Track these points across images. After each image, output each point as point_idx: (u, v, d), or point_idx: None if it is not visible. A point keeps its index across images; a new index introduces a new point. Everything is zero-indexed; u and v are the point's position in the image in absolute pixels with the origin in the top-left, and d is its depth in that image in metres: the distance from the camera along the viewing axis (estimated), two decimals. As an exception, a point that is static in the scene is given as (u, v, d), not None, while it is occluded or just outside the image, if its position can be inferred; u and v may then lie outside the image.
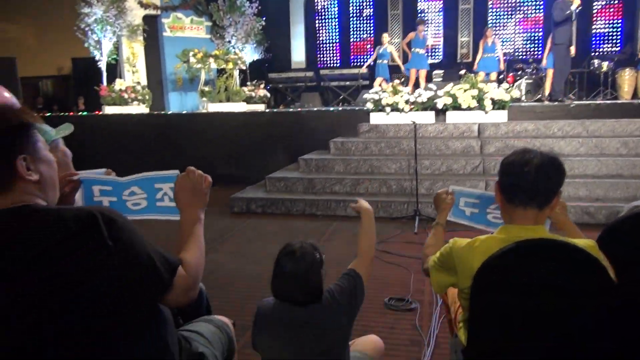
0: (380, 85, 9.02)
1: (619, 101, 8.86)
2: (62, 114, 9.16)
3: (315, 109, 8.52)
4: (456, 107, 6.96)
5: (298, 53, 12.49)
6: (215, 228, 5.15)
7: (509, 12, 12.07)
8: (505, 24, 12.09)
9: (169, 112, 8.87)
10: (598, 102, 8.33)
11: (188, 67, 9.23)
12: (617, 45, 11.47)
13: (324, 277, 1.69)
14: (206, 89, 9.01)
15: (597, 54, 11.20)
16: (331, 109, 8.35)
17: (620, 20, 11.46)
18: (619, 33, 11.51)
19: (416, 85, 8.57)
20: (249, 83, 9.21)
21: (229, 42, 9.85)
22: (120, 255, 1.09)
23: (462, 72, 8.93)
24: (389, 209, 5.64)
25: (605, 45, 11.54)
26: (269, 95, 9.25)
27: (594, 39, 11.58)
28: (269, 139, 7.79)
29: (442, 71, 10.52)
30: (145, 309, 1.21)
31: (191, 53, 9.11)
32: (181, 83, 9.65)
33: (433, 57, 12.03)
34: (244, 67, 9.43)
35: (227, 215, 5.89)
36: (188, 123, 8.27)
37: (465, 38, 12.08)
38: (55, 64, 14.96)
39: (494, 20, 12.09)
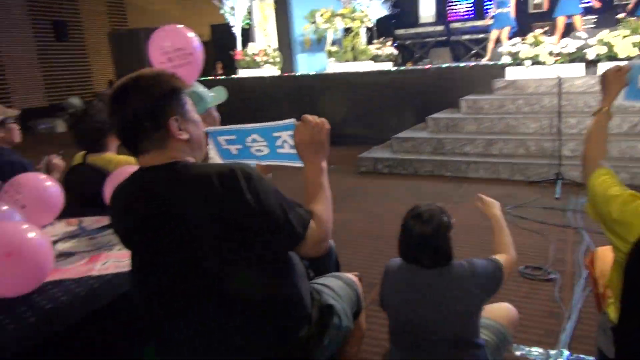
0: (498, 38, 8.22)
1: None
2: (203, 78, 9.96)
3: (444, 65, 8.08)
4: (611, 57, 6.07)
5: (427, 6, 11.80)
6: (342, 187, 5.25)
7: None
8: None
9: (298, 74, 9.09)
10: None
11: (315, 28, 9.31)
12: None
13: (451, 242, 1.62)
14: (333, 49, 9.04)
15: None
16: (462, 64, 7.84)
17: None
18: None
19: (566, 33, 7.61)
20: (375, 41, 9.02)
21: (355, -1, 9.69)
22: (256, 207, 1.16)
23: (621, 15, 7.59)
24: (526, 172, 5.23)
25: None
26: (396, 52, 8.98)
27: None
28: (396, 98, 7.62)
29: (595, 16, 9.14)
30: (279, 259, 1.29)
31: (318, 13, 9.15)
32: (309, 44, 9.78)
33: (584, 1, 10.57)
34: (371, 25, 9.23)
35: (354, 175, 5.96)
36: (316, 83, 8.41)
37: None
38: (196, 32, 16.14)
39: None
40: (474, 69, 7.48)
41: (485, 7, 11.78)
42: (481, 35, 10.39)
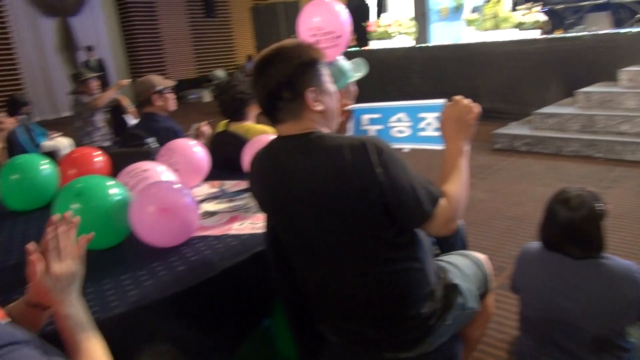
0: None
1: None
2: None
3: (602, 32, 7.12)
4: None
5: None
6: (475, 164, 4.98)
7: None
8: None
9: (431, 45, 8.74)
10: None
11: (454, -6, 8.84)
12: None
13: (603, 232, 1.46)
14: (472, 16, 8.51)
15: None
16: (623, 31, 6.83)
17: None
18: None
19: None
20: (520, 7, 8.24)
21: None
22: (386, 182, 1.16)
23: None
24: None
25: None
26: (545, 18, 8.11)
27: None
28: (542, 70, 6.95)
29: None
30: (406, 234, 1.28)
31: (458, -21, 8.63)
32: (446, 12, 9.32)
33: None
34: None
35: (488, 152, 5.63)
36: (451, 55, 8.02)
37: None
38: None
39: None
40: (637, 37, 6.50)
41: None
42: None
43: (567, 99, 6.17)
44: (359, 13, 9.64)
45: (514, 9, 8.48)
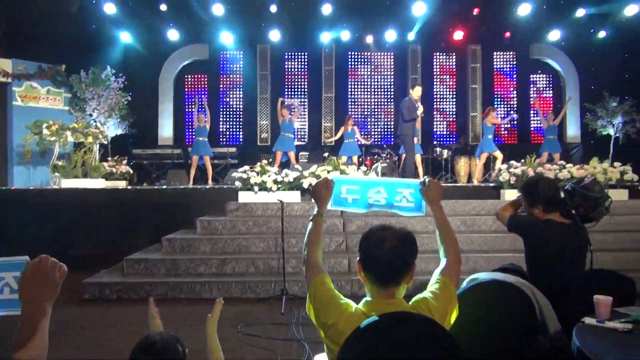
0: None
1: (457, 184, 10.11)
2: None
3: (182, 186, 8.30)
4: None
5: (166, 129, 12.31)
6: (60, 320, 4.56)
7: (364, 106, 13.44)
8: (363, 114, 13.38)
9: (12, 188, 7.95)
10: (442, 184, 9.38)
11: (40, 140, 8.49)
12: (453, 137, 13.34)
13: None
14: (60, 163, 8.33)
15: (438, 142, 12.88)
16: (198, 186, 8.19)
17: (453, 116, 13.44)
18: (454, 128, 13.43)
19: (285, 165, 8.91)
20: (109, 158, 8.71)
21: (90, 115, 9.35)
22: None
23: (326, 154, 9.55)
24: (256, 289, 5.55)
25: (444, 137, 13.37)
26: (131, 171, 8.82)
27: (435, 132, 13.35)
28: (131, 218, 7.36)
29: (308, 153, 11.13)
30: None
31: (45, 125, 8.43)
32: (30, 156, 8.79)
33: (300, 140, 12.71)
34: (105, 142, 8.94)
35: (75, 304, 5.28)
36: (36, 199, 7.47)
37: (328, 123, 13.05)
38: None
39: (354, 109, 13.33)
40: (210, 192, 7.91)
41: (220, 136, 12.93)
42: (216, 161, 11.21)
43: (156, 245, 6.66)
44: None
45: (103, 160, 8.86)
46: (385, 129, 13.39)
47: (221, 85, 13.11)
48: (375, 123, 13.42)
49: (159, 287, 5.58)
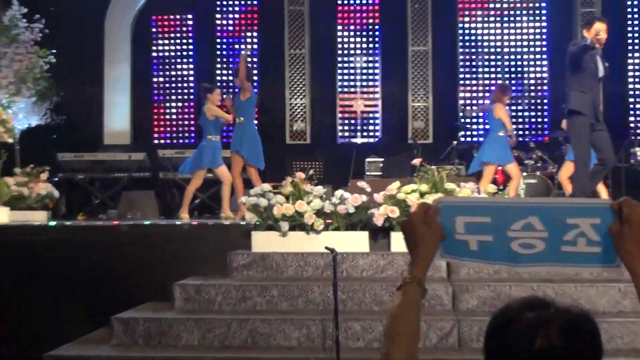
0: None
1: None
2: None
3: (147, 222, 5.61)
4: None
5: (118, 117, 7.89)
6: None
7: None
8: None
9: None
10: None
11: None
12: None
13: None
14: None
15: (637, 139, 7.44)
16: (178, 222, 5.52)
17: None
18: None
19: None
20: (17, 170, 5.48)
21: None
22: None
23: (416, 160, 5.67)
24: None
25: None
26: (56, 193, 5.61)
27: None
28: (56, 283, 4.64)
29: (381, 159, 7.20)
30: None
31: None
32: None
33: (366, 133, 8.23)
34: (11, 140, 5.55)
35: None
36: None
37: (419, 102, 8.23)
38: None
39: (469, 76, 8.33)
40: (200, 231, 5.45)
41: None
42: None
43: (99, 331, 4.31)
44: None
45: (7, 173, 6.04)
46: (534, 113, 8.25)
47: (218, 32, 8.41)
48: (518, 103, 8.05)
49: None
